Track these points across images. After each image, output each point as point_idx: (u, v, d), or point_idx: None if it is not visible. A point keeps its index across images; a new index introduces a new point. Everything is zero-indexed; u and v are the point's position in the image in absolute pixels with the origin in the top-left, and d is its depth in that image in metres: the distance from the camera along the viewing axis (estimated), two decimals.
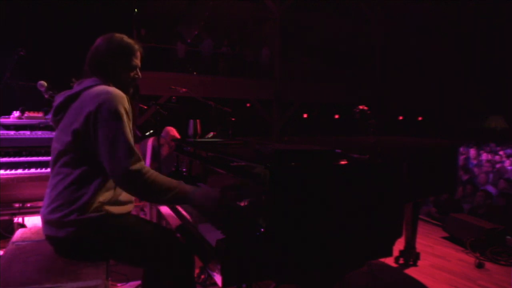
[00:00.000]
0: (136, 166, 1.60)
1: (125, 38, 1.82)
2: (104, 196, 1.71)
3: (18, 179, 2.94)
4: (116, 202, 1.76)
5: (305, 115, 15.27)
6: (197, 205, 1.75)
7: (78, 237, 1.66)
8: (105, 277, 1.66)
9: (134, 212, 1.97)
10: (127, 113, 1.68)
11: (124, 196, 1.81)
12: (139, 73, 1.89)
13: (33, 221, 3.85)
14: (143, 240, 1.76)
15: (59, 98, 1.77)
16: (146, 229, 1.84)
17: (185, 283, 1.76)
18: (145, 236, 1.78)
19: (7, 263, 1.70)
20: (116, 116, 1.61)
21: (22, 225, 3.69)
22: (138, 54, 1.86)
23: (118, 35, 1.82)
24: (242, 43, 12.68)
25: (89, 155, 1.65)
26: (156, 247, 1.76)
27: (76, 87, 1.76)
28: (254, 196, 1.72)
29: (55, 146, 1.74)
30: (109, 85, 1.75)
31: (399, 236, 1.81)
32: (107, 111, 1.60)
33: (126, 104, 1.69)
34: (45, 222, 1.72)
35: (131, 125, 1.70)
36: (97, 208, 1.67)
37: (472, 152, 8.68)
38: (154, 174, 1.65)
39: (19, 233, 2.07)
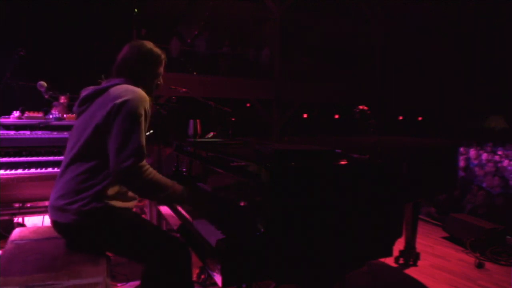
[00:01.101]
0: (140, 163, 1.66)
1: (154, 48, 1.96)
2: (111, 190, 1.77)
3: (18, 179, 2.93)
4: (121, 197, 1.82)
5: (305, 115, 15.26)
6: (188, 204, 1.90)
7: (80, 225, 1.73)
8: (106, 274, 1.67)
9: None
10: (146, 114, 1.77)
11: (130, 192, 1.87)
12: (162, 80, 2.02)
13: (33, 221, 3.85)
14: (142, 235, 1.82)
15: (86, 91, 1.87)
16: (146, 225, 1.91)
17: (182, 279, 1.80)
18: (145, 231, 1.85)
19: (7, 262, 1.71)
20: (136, 114, 1.70)
21: (22, 225, 3.69)
22: (164, 63, 2.01)
23: (148, 43, 1.95)
24: (242, 43, 12.68)
25: (104, 149, 1.71)
26: (155, 242, 1.81)
27: (104, 84, 1.86)
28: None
29: (73, 136, 1.83)
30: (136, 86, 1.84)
31: (399, 236, 1.81)
32: (129, 108, 1.69)
33: (147, 106, 1.79)
34: (52, 207, 1.80)
35: (147, 126, 1.79)
36: (102, 200, 1.74)
37: (472, 152, 8.67)
38: (153, 172, 1.72)
39: (17, 232, 2.08)
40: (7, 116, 3.35)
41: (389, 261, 3.49)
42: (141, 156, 1.67)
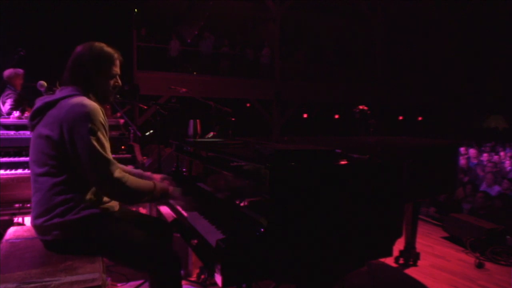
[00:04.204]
0: (116, 175, 1.68)
1: (105, 47, 1.85)
2: (86, 200, 1.75)
3: (18, 179, 2.93)
4: (98, 203, 1.81)
5: (305, 115, 15.27)
6: (173, 199, 1.98)
7: (64, 239, 1.72)
8: (102, 270, 1.69)
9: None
10: (102, 124, 1.72)
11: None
12: (119, 81, 1.92)
13: None
14: (126, 240, 1.82)
15: (38, 103, 1.80)
16: (130, 230, 1.87)
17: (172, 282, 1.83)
18: (129, 236, 1.84)
19: (3, 260, 1.71)
20: (91, 130, 1.66)
21: (21, 225, 3.68)
22: (118, 62, 1.89)
23: (98, 43, 1.85)
24: (242, 43, 12.69)
25: (66, 162, 1.69)
26: (140, 248, 1.82)
27: (56, 94, 1.79)
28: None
29: (34, 149, 1.77)
30: (88, 95, 1.78)
31: (399, 236, 1.81)
32: (82, 126, 1.65)
33: (101, 116, 1.73)
34: (34, 227, 1.78)
35: (107, 136, 1.75)
36: (79, 211, 1.72)
37: (473, 152, 8.66)
38: (132, 179, 1.75)
39: (12, 231, 2.09)
40: (7, 116, 3.35)
41: (389, 261, 3.49)
42: (111, 167, 1.68)
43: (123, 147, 3.45)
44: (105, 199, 1.84)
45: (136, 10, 10.32)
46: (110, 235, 1.80)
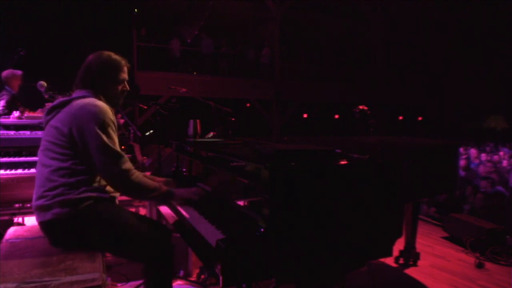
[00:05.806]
0: (125, 166, 1.81)
1: (113, 55, 2.00)
2: (90, 185, 1.83)
3: (18, 179, 2.93)
4: (100, 190, 1.87)
5: (305, 115, 15.27)
6: (177, 201, 2.10)
7: (64, 218, 1.76)
8: (102, 270, 1.69)
9: None
10: (113, 123, 1.85)
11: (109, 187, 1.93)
12: (127, 86, 2.07)
13: (33, 221, 3.84)
14: (125, 229, 1.87)
15: (54, 102, 1.95)
16: (130, 219, 1.93)
17: (164, 276, 1.91)
18: (128, 225, 1.89)
19: (3, 260, 1.72)
20: (101, 127, 1.79)
21: (21, 225, 3.68)
22: (125, 68, 2.03)
23: (106, 52, 2.01)
24: (242, 43, 12.70)
25: (73, 152, 1.80)
26: (138, 237, 1.88)
27: (72, 95, 1.94)
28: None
29: (44, 139, 1.90)
30: (99, 98, 1.91)
31: (399, 236, 1.81)
32: (92, 122, 1.78)
33: (111, 116, 1.86)
34: (35, 209, 1.84)
35: (116, 133, 1.87)
36: (82, 191, 1.80)
37: (473, 152, 8.65)
38: (140, 175, 1.88)
39: (12, 231, 2.10)
40: (7, 116, 3.34)
41: (389, 261, 3.49)
42: (122, 159, 1.80)
43: (123, 147, 3.44)
44: (109, 188, 1.90)
45: (136, 10, 10.32)
46: (111, 218, 1.85)
